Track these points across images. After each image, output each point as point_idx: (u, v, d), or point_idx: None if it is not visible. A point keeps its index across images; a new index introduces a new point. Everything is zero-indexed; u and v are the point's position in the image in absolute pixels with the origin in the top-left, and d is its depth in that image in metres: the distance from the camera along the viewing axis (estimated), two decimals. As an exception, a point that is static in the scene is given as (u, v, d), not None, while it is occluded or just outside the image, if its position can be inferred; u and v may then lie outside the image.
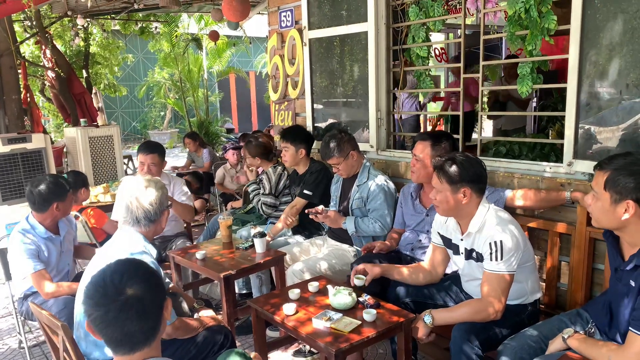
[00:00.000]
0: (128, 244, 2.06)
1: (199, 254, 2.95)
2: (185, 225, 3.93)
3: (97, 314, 1.26)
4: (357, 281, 2.40)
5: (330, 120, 4.15)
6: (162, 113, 15.84)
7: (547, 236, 2.68)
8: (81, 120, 6.77)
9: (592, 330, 1.96)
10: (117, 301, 1.25)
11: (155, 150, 3.52)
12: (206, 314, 2.42)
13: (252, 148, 3.93)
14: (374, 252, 2.86)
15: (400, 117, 5.67)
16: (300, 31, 4.17)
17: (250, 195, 3.96)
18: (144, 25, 9.00)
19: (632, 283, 1.72)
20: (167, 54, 11.47)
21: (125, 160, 7.73)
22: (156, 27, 9.21)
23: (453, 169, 2.17)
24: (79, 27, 8.04)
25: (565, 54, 2.61)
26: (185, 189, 3.66)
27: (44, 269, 2.69)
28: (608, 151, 2.52)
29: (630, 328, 1.66)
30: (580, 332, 1.91)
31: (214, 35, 8.87)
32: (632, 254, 1.74)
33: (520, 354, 1.99)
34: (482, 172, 2.22)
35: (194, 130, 10.59)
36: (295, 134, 3.56)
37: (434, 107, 7.82)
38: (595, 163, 1.84)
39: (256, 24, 9.40)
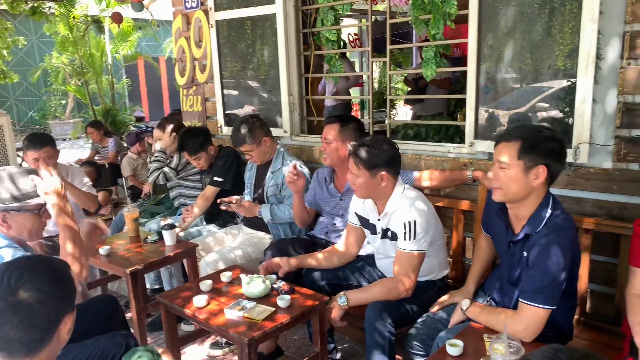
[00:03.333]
0: None
1: (102, 250, 2.77)
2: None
3: None
4: (280, 302, 2.14)
5: (246, 107, 4.04)
6: (63, 101, 14.69)
7: (452, 214, 2.81)
8: (-36, 109, 6.10)
9: (489, 303, 2.07)
10: (4, 301, 1.13)
11: (47, 142, 3.13)
12: None
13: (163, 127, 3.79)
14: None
15: (329, 103, 5.68)
16: (206, 12, 4.01)
17: (149, 164, 3.80)
18: (35, 4, 8.23)
19: (525, 254, 1.83)
20: (65, 37, 10.60)
21: (20, 153, 7.09)
22: (50, 7, 8.46)
23: (369, 154, 2.19)
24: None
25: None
26: (86, 179, 3.38)
27: None
28: (507, 131, 2.67)
29: (520, 299, 1.77)
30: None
31: (117, 18, 8.31)
32: (522, 225, 1.85)
33: (428, 333, 2.08)
34: (397, 154, 2.27)
35: (99, 119, 9.93)
36: (195, 144, 3.41)
37: (353, 93, 7.92)
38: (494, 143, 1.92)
39: (164, 7, 8.95)
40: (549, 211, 1.79)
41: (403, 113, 10.39)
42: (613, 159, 2.33)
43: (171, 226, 2.88)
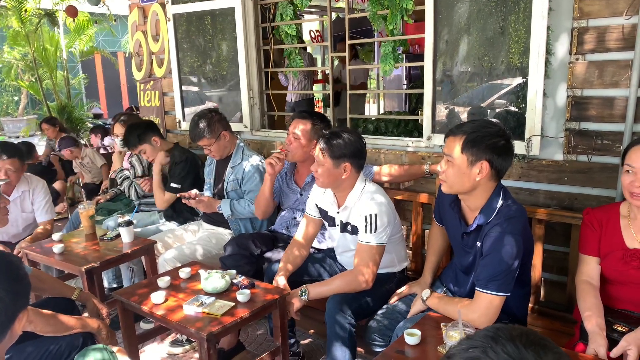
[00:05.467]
0: None
1: (55, 248, 2.68)
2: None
3: None
4: (240, 297, 2.11)
5: (207, 104, 3.98)
6: (15, 98, 14.10)
7: (411, 207, 2.85)
8: None
9: (446, 293, 2.12)
10: None
11: (14, 154, 2.98)
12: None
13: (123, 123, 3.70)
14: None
15: (291, 99, 5.64)
16: (163, 5, 3.93)
17: (119, 181, 3.69)
18: (-16, -4, 7.87)
19: (478, 244, 1.88)
20: (17, 31, 10.17)
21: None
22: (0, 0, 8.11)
23: (336, 144, 2.19)
24: None
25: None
26: (47, 197, 3.23)
27: None
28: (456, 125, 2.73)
29: (476, 288, 1.82)
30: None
31: (72, 11, 8.03)
32: (474, 217, 1.89)
33: (387, 324, 2.11)
34: (363, 148, 2.27)
35: (54, 115, 9.58)
36: (134, 138, 3.34)
37: (316, 88, 7.91)
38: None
39: (121, 0, 8.72)
40: (500, 201, 1.83)
41: (366, 109, 10.45)
42: (564, 151, 2.41)
43: (129, 223, 2.81)
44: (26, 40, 9.94)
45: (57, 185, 5.20)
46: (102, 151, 5.50)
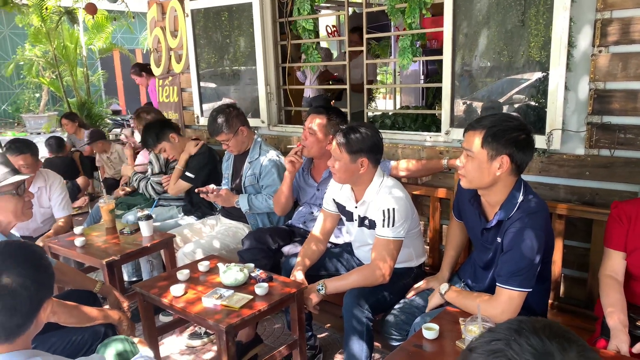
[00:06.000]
0: None
1: (77, 241, 2.73)
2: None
3: None
4: (258, 290, 2.11)
5: (224, 99, 4.01)
6: (37, 94, 14.35)
7: (429, 202, 2.84)
8: None
9: (464, 288, 2.10)
10: None
11: (26, 149, 3.00)
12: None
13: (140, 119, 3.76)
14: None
15: (309, 94, 5.64)
16: (181, 1, 3.95)
17: (135, 184, 3.74)
18: (6, -5, 8.00)
19: (499, 240, 1.86)
20: (37, 28, 10.34)
21: (-7, 147, 6.92)
22: (21, -2, 8.25)
23: (353, 139, 2.18)
24: None
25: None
26: (64, 193, 3.28)
27: None
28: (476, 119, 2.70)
29: (497, 283, 1.80)
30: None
31: (91, 9, 8.14)
32: (494, 212, 1.87)
33: (405, 319, 2.10)
34: (380, 143, 2.26)
35: (74, 111, 9.73)
36: (152, 138, 3.41)
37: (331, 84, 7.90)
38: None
39: (139, -2, 8.81)
40: (521, 196, 1.81)
41: (382, 104, 10.43)
42: (585, 145, 2.37)
43: (148, 217, 2.85)
44: (47, 37, 10.10)
45: (80, 180, 5.27)
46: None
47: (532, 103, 2.53)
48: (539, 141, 2.39)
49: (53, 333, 1.94)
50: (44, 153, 5.00)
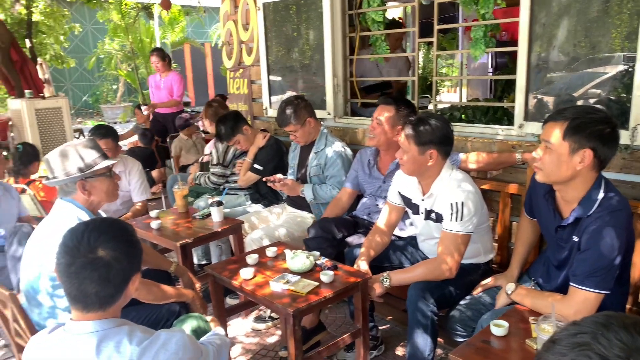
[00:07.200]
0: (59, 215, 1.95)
1: (154, 224, 2.89)
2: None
3: (62, 262, 1.24)
4: (324, 277, 2.16)
5: (289, 92, 4.08)
6: (114, 86, 15.22)
7: (499, 197, 2.76)
8: (26, 91, 6.42)
9: (534, 287, 2.04)
10: (84, 257, 1.23)
11: (108, 135, 3.25)
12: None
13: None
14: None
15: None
16: (253, -5, 4.05)
17: (197, 180, 3.90)
18: (90, -8, 8.54)
19: (575, 238, 1.78)
20: (116, 24, 10.97)
21: (76, 134, 7.43)
22: (104, -5, 8.78)
23: (422, 130, 2.16)
24: (19, -8, 7.56)
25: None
26: (142, 178, 3.50)
27: None
28: (556, 110, 2.59)
29: (570, 283, 1.73)
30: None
31: (166, 4, 8.49)
32: (571, 209, 1.79)
33: (470, 315, 2.07)
34: (450, 135, 2.21)
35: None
36: (227, 130, 3.53)
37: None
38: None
39: (210, -8, 9.10)
40: (602, 193, 1.72)
41: (447, 98, 10.19)
42: (673, 142, 2.22)
43: (219, 203, 2.96)
44: (125, 32, 10.70)
45: (154, 173, 5.52)
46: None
47: (614, 96, 2.39)
48: (622, 136, 2.24)
49: (132, 308, 2.07)
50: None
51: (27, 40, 8.28)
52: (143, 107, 5.48)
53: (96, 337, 1.23)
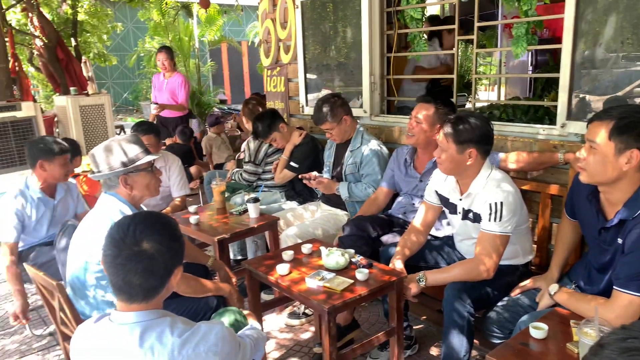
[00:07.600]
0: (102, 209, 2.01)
1: (192, 219, 2.95)
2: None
3: (109, 254, 1.28)
4: (359, 275, 2.17)
5: (325, 90, 4.10)
6: (154, 84, 15.57)
7: (539, 198, 2.70)
8: (71, 88, 6.65)
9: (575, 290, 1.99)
10: (129, 250, 1.27)
11: (150, 131, 3.38)
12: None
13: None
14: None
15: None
16: (292, -7, 4.08)
17: (233, 177, 3.97)
18: (132, -8, 8.77)
19: (620, 241, 1.73)
20: (157, 22, 11.24)
21: (118, 130, 7.67)
22: (145, -6, 9.01)
23: (461, 128, 2.13)
24: (65, -7, 7.84)
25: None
26: (181, 174, 3.59)
27: (14, 243, 2.75)
28: (603, 109, 2.51)
29: (614, 287, 1.68)
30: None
31: (205, 3, 8.64)
32: (616, 211, 1.74)
33: (508, 317, 2.04)
34: (490, 134, 2.18)
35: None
36: (264, 128, 3.57)
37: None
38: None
39: (248, -9, 9.21)
40: None
41: (484, 96, 10.00)
42: None
43: (256, 200, 3.01)
44: (164, 30, 10.94)
45: (193, 169, 5.64)
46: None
47: (664, 96, 2.30)
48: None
49: (172, 301, 2.12)
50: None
51: (72, 39, 8.60)
52: (153, 106, 5.45)
53: (140, 328, 1.28)
